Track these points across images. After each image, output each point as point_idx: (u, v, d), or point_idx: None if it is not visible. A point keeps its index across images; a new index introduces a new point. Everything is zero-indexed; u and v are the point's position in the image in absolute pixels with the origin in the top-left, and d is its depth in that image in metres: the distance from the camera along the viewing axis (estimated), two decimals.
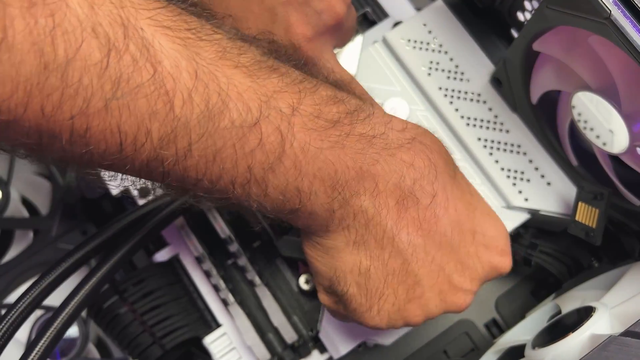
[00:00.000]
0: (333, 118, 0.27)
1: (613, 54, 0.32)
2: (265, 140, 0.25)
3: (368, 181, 0.28)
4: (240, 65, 0.24)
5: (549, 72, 0.38)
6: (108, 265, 0.35)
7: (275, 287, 0.44)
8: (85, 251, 0.36)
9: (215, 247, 0.44)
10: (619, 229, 0.41)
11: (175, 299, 0.43)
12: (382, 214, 0.29)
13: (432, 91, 0.44)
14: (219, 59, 0.24)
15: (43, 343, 0.33)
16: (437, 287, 0.31)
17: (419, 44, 0.45)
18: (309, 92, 0.27)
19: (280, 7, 0.35)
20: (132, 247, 0.37)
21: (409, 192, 0.29)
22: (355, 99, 0.29)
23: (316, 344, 0.43)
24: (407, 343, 0.45)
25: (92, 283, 0.35)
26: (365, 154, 0.28)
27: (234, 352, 0.42)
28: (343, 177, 0.27)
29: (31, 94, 0.19)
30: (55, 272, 0.35)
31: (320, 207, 0.28)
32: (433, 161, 0.31)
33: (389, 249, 0.30)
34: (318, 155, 0.26)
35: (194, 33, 0.23)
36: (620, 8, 0.29)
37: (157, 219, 0.37)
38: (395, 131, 0.30)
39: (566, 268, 0.43)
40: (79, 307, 0.34)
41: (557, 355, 0.32)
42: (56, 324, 0.33)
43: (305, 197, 0.27)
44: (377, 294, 0.30)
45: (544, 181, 0.42)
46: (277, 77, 0.26)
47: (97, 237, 0.36)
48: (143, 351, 0.42)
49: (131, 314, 0.42)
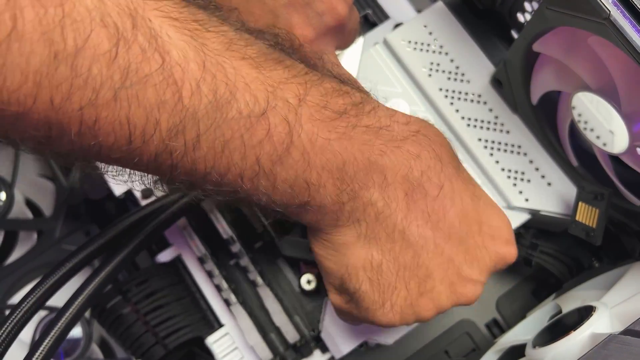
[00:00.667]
0: (339, 109, 0.27)
1: (612, 54, 0.32)
2: (273, 130, 0.25)
3: (376, 173, 0.28)
4: (246, 57, 0.25)
5: (549, 73, 0.38)
6: (111, 266, 0.36)
7: (277, 287, 0.44)
8: (89, 252, 0.36)
9: (217, 248, 0.44)
10: (619, 229, 0.41)
11: (177, 299, 0.43)
12: (392, 207, 0.29)
13: (433, 92, 0.44)
14: (226, 50, 0.24)
15: (47, 343, 0.33)
16: (448, 279, 0.31)
17: (420, 45, 0.45)
18: (314, 83, 0.27)
19: (282, 8, 0.36)
20: (135, 247, 0.37)
21: (417, 183, 0.29)
22: (359, 92, 0.29)
23: (318, 344, 0.43)
24: (409, 343, 0.45)
25: (95, 283, 0.35)
26: (373, 146, 0.28)
27: (236, 352, 0.43)
28: (351, 169, 0.27)
29: (40, 84, 0.19)
30: (58, 273, 0.35)
31: (330, 200, 0.28)
32: (438, 153, 0.31)
33: (399, 242, 0.30)
34: (326, 147, 0.26)
35: (201, 24, 0.24)
36: (620, 8, 0.30)
37: (160, 220, 0.38)
38: (400, 124, 0.30)
39: (567, 268, 0.43)
40: (82, 307, 0.35)
41: (557, 354, 0.32)
42: (60, 324, 0.34)
43: (314, 190, 0.27)
44: (389, 290, 0.30)
45: (544, 181, 0.42)
46: (282, 68, 0.26)
47: (100, 237, 0.37)
48: (146, 351, 0.42)
49: (134, 314, 0.42)
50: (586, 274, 0.42)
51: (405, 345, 0.45)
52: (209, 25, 0.24)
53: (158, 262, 0.45)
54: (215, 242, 0.44)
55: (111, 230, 0.37)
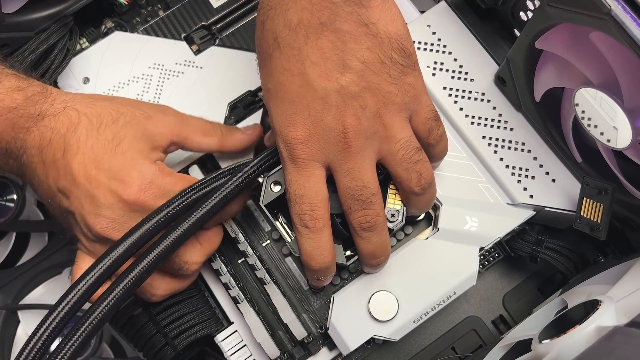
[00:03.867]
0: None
1: (614, 49, 0.33)
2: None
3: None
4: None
5: (551, 70, 0.38)
6: (135, 272, 0.35)
7: (284, 285, 0.44)
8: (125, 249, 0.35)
9: (225, 246, 0.45)
10: (624, 224, 0.41)
11: (187, 298, 0.44)
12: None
13: (437, 91, 0.44)
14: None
15: (68, 349, 0.32)
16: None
17: (423, 44, 0.45)
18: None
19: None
20: (159, 255, 0.36)
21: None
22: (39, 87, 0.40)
23: (325, 341, 0.43)
24: (415, 340, 0.45)
25: (120, 288, 0.34)
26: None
27: (245, 349, 0.43)
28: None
29: None
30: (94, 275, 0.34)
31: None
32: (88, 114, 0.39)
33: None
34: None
35: None
36: (620, 3, 0.30)
37: (187, 226, 0.37)
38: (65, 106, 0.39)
39: (572, 264, 0.43)
40: (108, 312, 0.34)
41: (563, 348, 0.33)
42: (83, 328, 0.33)
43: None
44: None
45: (548, 178, 0.42)
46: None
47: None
48: (158, 352, 0.42)
49: (146, 315, 0.42)
50: (592, 270, 0.42)
51: (412, 342, 0.45)
52: None
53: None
54: (223, 241, 0.45)
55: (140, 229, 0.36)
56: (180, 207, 0.37)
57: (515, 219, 0.42)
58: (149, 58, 0.51)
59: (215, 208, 0.38)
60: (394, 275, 0.41)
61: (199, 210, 0.37)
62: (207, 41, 0.53)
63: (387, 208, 0.38)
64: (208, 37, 0.53)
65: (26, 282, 0.56)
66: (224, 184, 0.38)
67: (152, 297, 0.41)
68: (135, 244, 0.36)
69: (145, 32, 0.52)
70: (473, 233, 0.41)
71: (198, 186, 0.38)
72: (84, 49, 0.52)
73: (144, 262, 0.35)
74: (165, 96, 0.50)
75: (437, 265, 0.41)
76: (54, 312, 0.33)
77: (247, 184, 0.39)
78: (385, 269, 0.41)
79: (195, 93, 0.50)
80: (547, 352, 0.33)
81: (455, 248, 0.41)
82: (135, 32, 0.53)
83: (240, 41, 0.52)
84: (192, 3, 0.53)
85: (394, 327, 0.40)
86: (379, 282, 0.41)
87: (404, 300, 0.40)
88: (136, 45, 0.51)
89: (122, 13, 0.54)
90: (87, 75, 0.51)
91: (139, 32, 0.53)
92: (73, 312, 0.34)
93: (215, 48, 0.52)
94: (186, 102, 0.50)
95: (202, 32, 0.53)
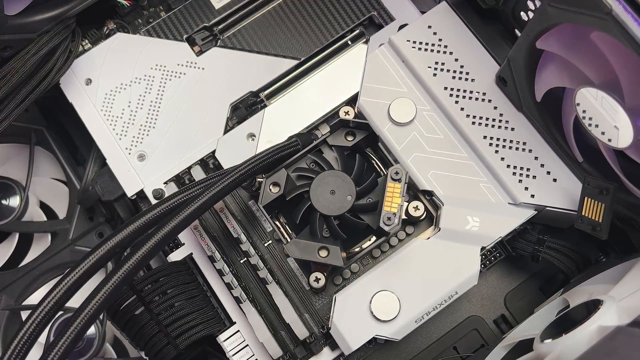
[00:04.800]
0: None
1: (615, 49, 0.33)
2: None
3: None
4: None
5: (552, 70, 0.38)
6: (127, 266, 0.35)
7: (286, 285, 0.44)
8: (105, 252, 0.36)
9: (227, 246, 0.45)
10: (625, 223, 0.41)
11: (189, 298, 0.44)
12: None
13: (438, 91, 0.44)
14: None
15: (62, 345, 0.33)
16: None
17: (425, 45, 0.46)
18: None
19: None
20: (152, 248, 0.37)
21: None
22: None
23: (327, 341, 0.43)
24: (417, 339, 0.45)
25: (111, 283, 0.35)
26: None
27: (247, 349, 0.43)
28: None
29: None
30: (77, 274, 0.35)
31: None
32: None
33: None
34: None
35: None
36: (621, 3, 0.30)
37: (178, 220, 0.38)
38: None
39: (574, 263, 0.43)
40: (99, 308, 0.34)
41: (565, 348, 0.33)
42: (76, 324, 0.33)
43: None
44: None
45: (549, 177, 0.42)
46: None
47: (113, 237, 0.37)
48: (159, 351, 0.42)
49: (147, 314, 0.43)
50: (593, 269, 0.42)
51: (413, 341, 0.46)
52: None
53: (170, 262, 0.46)
54: (226, 241, 0.45)
55: (125, 230, 0.37)
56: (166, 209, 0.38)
57: (517, 218, 0.42)
58: (151, 59, 0.51)
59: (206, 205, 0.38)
60: (395, 275, 0.41)
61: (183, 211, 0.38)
62: (208, 42, 0.53)
63: (383, 212, 0.38)
64: (210, 38, 0.53)
65: (29, 282, 0.56)
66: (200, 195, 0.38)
67: None
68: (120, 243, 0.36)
69: (147, 34, 0.53)
70: (474, 233, 0.41)
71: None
72: (86, 50, 0.53)
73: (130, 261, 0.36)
74: (167, 97, 0.50)
75: (439, 265, 0.41)
76: (36, 310, 0.34)
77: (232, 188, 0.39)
78: (387, 268, 0.41)
79: (197, 94, 0.50)
80: (549, 351, 0.33)
81: (456, 248, 0.41)
82: (137, 34, 0.53)
83: (242, 42, 0.52)
84: (193, 4, 0.53)
85: (395, 326, 0.40)
86: (381, 282, 0.41)
87: (405, 300, 0.40)
88: (138, 46, 0.52)
89: (124, 14, 0.55)
90: (89, 76, 0.51)
91: (141, 33, 0.53)
92: (55, 311, 0.34)
93: (216, 49, 0.52)
94: (188, 103, 0.50)
95: (204, 33, 0.53)
